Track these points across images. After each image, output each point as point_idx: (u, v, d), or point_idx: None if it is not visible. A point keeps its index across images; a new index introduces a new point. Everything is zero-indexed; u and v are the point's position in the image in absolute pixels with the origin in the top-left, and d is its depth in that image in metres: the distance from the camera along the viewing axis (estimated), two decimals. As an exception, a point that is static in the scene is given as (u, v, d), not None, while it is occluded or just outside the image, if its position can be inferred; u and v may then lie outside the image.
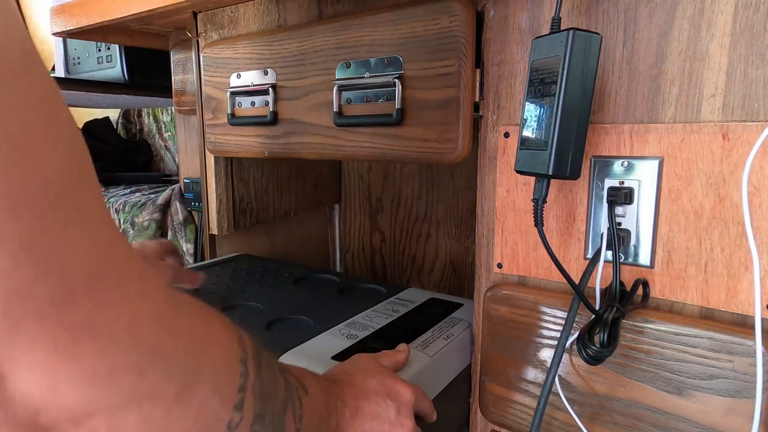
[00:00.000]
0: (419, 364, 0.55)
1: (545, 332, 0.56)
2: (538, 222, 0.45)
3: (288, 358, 0.55)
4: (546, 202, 0.45)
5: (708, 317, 0.49)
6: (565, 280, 0.52)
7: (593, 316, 0.46)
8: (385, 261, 1.19)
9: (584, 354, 0.43)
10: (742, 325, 0.46)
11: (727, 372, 0.46)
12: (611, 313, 0.44)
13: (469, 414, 0.67)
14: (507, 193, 0.59)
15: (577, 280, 0.54)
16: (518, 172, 0.47)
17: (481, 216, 0.62)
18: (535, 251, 0.58)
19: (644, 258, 0.51)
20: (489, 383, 0.61)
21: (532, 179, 0.50)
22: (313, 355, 0.56)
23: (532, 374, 0.57)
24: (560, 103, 0.42)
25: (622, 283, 0.49)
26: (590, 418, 0.53)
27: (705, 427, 0.47)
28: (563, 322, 0.54)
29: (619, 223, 0.51)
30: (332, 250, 1.27)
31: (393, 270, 1.18)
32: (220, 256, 1.00)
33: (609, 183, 0.51)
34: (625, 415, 0.51)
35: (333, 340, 0.59)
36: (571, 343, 0.53)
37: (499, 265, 0.61)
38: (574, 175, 0.43)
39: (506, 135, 0.58)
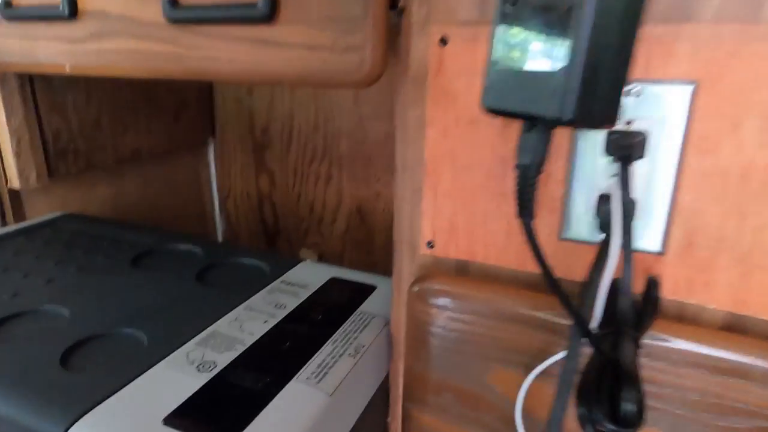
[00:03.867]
0: (312, 410, 0.35)
1: (502, 346, 0.38)
2: (525, 208, 0.24)
3: (83, 427, 0.32)
4: (542, 171, 0.25)
5: (736, 328, 0.33)
6: (531, 268, 0.34)
7: (594, 350, 0.28)
8: (277, 210, 0.96)
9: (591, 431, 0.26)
10: (795, 343, 0.31)
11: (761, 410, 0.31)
12: (630, 349, 0.26)
13: (387, 436, 0.49)
14: (443, 136, 0.38)
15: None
16: (492, 110, 0.25)
17: (402, 170, 0.41)
18: (483, 225, 0.39)
19: (652, 240, 0.33)
20: (416, 412, 0.43)
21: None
22: (132, 416, 0.33)
23: (484, 404, 0.40)
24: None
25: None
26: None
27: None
28: (535, 334, 0.36)
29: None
30: (208, 197, 1.00)
31: (287, 221, 0.96)
32: (32, 218, 0.70)
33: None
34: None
35: (173, 376, 0.37)
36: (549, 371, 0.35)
37: (430, 244, 0.41)
38: (610, 120, 0.23)
39: (443, 41, 0.36)
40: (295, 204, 0.94)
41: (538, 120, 0.22)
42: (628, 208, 0.28)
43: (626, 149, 0.28)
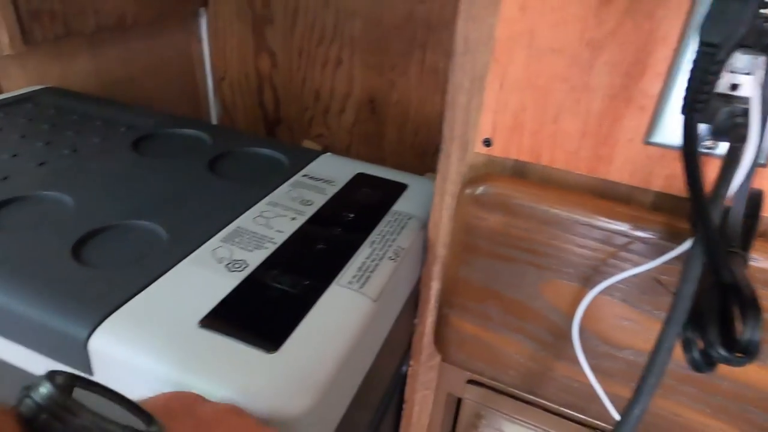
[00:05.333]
0: (358, 316, 0.33)
1: (561, 257, 0.35)
2: (697, 102, 0.19)
3: (113, 327, 0.29)
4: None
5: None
6: (603, 174, 0.30)
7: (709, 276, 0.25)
8: (278, 95, 0.88)
9: (697, 356, 0.24)
10: None
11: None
12: (744, 272, 0.23)
13: (411, 337, 0.48)
14: (521, 11, 0.32)
15: (623, 176, 0.32)
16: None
17: (462, 53, 0.35)
18: (555, 123, 0.34)
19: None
20: (455, 318, 0.41)
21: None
22: (163, 318, 0.30)
23: (531, 314, 0.38)
24: None
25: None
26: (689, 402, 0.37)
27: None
28: (602, 246, 0.33)
29: (735, 86, 0.28)
30: (201, 78, 0.91)
31: (289, 108, 0.88)
32: (8, 92, 0.62)
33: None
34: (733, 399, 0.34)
35: (201, 275, 0.34)
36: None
37: (487, 142, 0.36)
38: None
39: None
40: (299, 90, 0.86)
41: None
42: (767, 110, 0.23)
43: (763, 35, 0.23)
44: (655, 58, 0.30)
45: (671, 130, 0.30)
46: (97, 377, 0.30)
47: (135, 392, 0.29)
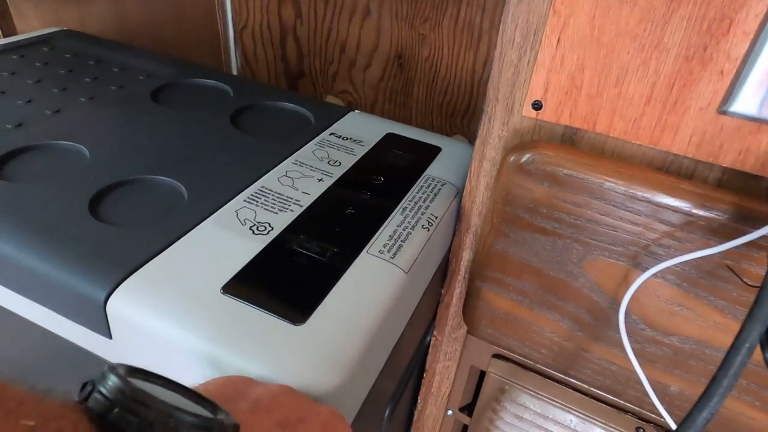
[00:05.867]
0: (390, 288, 0.31)
1: (611, 234, 0.32)
2: None
3: (132, 289, 0.28)
4: None
5: None
6: (666, 146, 0.27)
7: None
8: (301, 47, 0.84)
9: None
10: None
11: None
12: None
13: (437, 308, 0.47)
14: (591, -45, 0.28)
15: (688, 148, 0.29)
16: None
17: (517, 1, 0.31)
18: (617, 87, 0.30)
19: None
20: (488, 292, 0.39)
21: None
22: (184, 282, 0.29)
23: (572, 292, 0.35)
24: None
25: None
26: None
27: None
28: (658, 225, 0.30)
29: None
30: (221, 26, 0.87)
31: (312, 60, 0.84)
32: (24, 33, 0.59)
33: None
34: None
35: (224, 237, 0.32)
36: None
37: (536, 105, 0.33)
38: None
39: None
40: (324, 42, 0.82)
41: None
42: None
43: None
44: (744, 15, 0.26)
45: (754, 98, 0.27)
46: (116, 341, 0.29)
47: (155, 359, 0.27)
